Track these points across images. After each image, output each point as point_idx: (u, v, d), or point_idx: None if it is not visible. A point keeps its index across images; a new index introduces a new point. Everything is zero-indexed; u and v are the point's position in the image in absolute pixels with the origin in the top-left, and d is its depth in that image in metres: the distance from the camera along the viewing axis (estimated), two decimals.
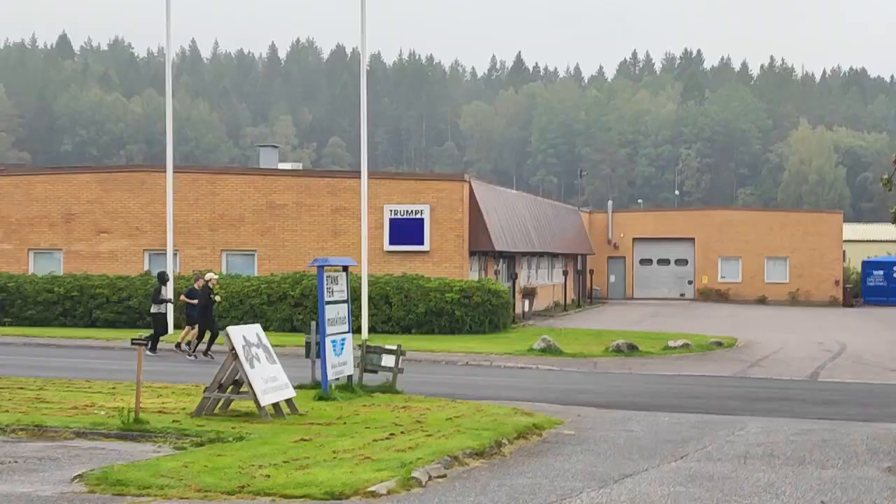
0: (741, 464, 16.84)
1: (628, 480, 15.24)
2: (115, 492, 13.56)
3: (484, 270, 50.58)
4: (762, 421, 22.24)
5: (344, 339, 23.42)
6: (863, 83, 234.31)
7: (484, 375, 31.21)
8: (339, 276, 23.63)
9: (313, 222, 47.99)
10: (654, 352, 39.11)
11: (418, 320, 44.14)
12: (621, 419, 21.87)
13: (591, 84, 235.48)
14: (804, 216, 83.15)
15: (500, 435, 18.24)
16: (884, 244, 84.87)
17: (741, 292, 78.52)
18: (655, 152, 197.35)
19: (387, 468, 14.83)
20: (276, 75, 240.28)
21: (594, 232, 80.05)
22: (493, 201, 51.41)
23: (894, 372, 34.66)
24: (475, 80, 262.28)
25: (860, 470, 16.49)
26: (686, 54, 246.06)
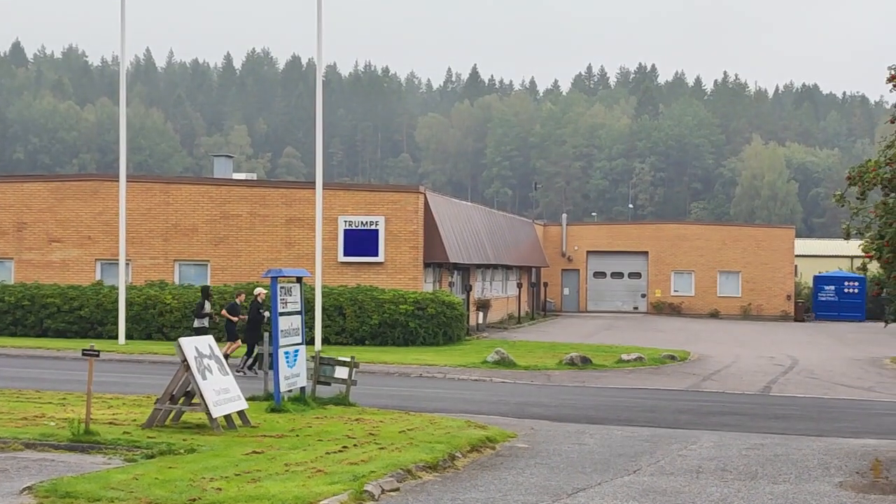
0: (694, 478, 16.88)
1: (581, 494, 15.24)
2: None
3: (438, 282, 50.54)
4: (715, 435, 22.32)
5: (297, 350, 23.32)
6: (815, 99, 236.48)
7: (438, 388, 31.15)
8: (292, 288, 23.53)
9: (267, 233, 47.79)
10: (608, 365, 39.18)
11: (372, 332, 44.03)
12: (575, 432, 21.89)
13: (546, 97, 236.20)
14: (756, 231, 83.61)
15: (453, 448, 18.21)
16: (835, 259, 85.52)
17: (694, 306, 78.90)
18: (609, 166, 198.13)
19: (339, 481, 14.76)
20: (231, 85, 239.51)
21: (548, 244, 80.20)
22: (448, 213, 51.40)
23: (845, 387, 34.88)
24: (431, 92, 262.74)
25: (812, 485, 16.57)
26: (640, 69, 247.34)
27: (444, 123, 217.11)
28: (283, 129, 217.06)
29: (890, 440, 22.55)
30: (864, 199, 19.69)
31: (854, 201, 19.79)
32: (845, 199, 19.74)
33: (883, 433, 23.86)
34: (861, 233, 19.86)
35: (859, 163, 20.05)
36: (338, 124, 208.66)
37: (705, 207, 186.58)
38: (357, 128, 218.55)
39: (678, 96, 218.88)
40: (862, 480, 17.18)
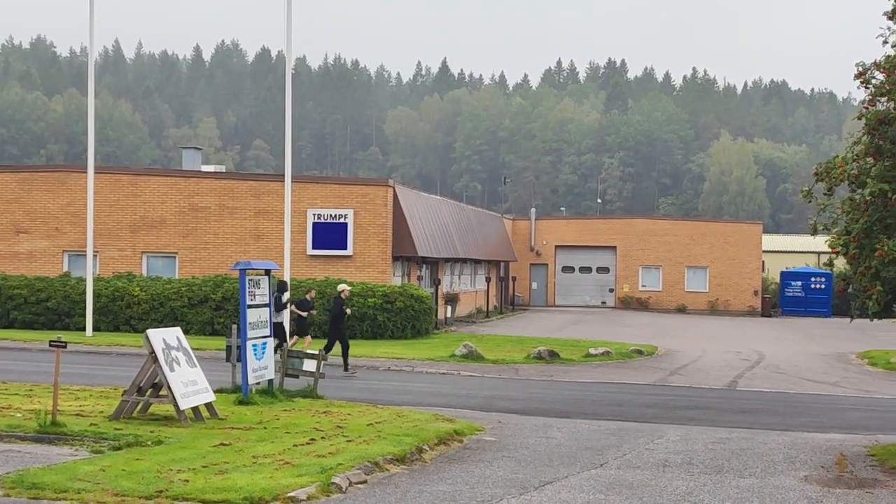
0: (660, 472, 16.96)
1: (548, 487, 15.29)
2: (31, 496, 13.35)
3: (407, 276, 50.55)
4: (681, 429, 22.44)
5: (265, 343, 23.28)
6: (783, 95, 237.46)
7: (406, 381, 31.17)
8: (261, 280, 23.49)
9: (236, 225, 47.68)
10: (576, 359, 39.30)
11: None
12: (542, 426, 21.95)
13: (516, 92, 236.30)
14: (724, 226, 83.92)
15: (421, 441, 18.24)
16: (802, 255, 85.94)
17: (661, 301, 79.17)
18: (579, 160, 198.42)
19: (307, 474, 14.76)
20: (200, 77, 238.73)
21: (517, 239, 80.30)
22: (417, 207, 51.41)
23: (811, 382, 35.11)
24: (400, 86, 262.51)
25: (777, 479, 16.68)
26: (610, 64, 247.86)
27: (413, 117, 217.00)
28: (253, 121, 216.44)
29: (855, 435, 22.72)
30: (831, 195, 19.76)
31: (821, 197, 19.86)
32: (812, 195, 19.79)
33: (848, 428, 24.03)
34: (828, 229, 19.92)
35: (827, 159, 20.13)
36: (307, 117, 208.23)
37: (674, 203, 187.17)
38: (326, 121, 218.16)
39: (647, 92, 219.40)
40: (827, 474, 17.30)
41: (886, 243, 17.72)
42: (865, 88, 19.10)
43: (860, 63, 19.06)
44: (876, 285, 18.22)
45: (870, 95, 19.04)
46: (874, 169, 18.95)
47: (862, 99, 19.64)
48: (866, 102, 19.16)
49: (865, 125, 18.83)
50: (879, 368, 40.19)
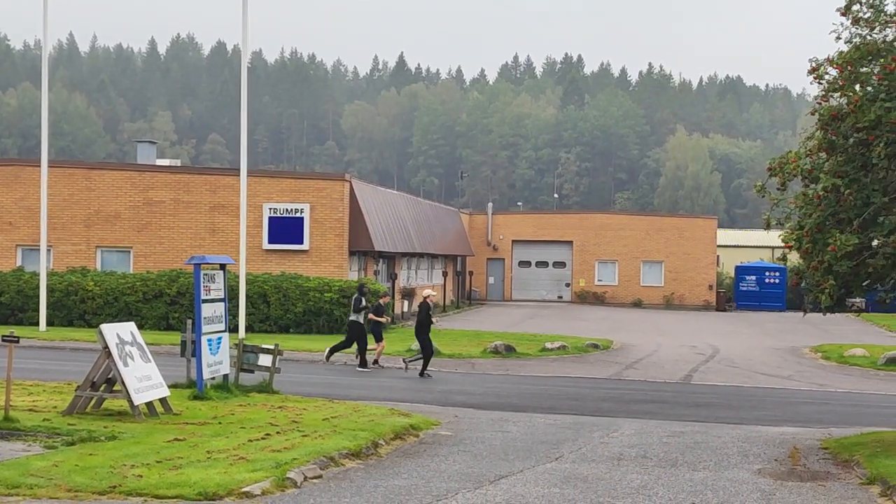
0: (615, 465, 17.03)
1: (504, 481, 15.31)
2: None
3: (364, 270, 50.48)
4: (636, 423, 22.54)
5: (220, 337, 23.20)
6: (738, 91, 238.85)
7: (362, 376, 31.15)
8: (216, 275, 23.40)
9: (191, 220, 47.45)
10: (532, 353, 39.38)
11: (297, 320, 43.89)
12: (498, 420, 22.00)
13: (473, 86, 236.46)
14: (680, 221, 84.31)
15: (376, 435, 18.23)
16: (756, 250, 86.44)
17: (617, 295, 79.46)
18: (535, 155, 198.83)
19: (262, 468, 14.72)
20: (155, 70, 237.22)
21: (474, 233, 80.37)
22: (374, 201, 51.34)
23: (765, 375, 35.36)
24: (357, 80, 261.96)
25: (731, 472, 16.79)
26: (567, 59, 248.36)
27: (370, 111, 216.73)
28: (208, 115, 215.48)
29: (808, 428, 22.90)
30: (784, 190, 19.89)
31: (775, 192, 19.99)
32: (766, 190, 19.91)
33: (801, 421, 24.23)
34: (781, 223, 20.05)
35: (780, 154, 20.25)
36: (263, 111, 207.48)
37: (630, 197, 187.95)
38: (283, 115, 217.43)
39: (604, 87, 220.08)
40: (780, 468, 17.43)
41: (839, 238, 17.86)
42: (819, 84, 19.24)
43: (814, 59, 19.19)
44: (829, 279, 18.35)
45: (823, 91, 19.17)
46: (827, 164, 19.09)
47: (816, 94, 19.76)
48: (820, 98, 19.30)
49: (819, 121, 18.96)
50: (832, 362, 40.51)
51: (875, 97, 18.07)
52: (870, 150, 18.30)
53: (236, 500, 13.37)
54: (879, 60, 18.29)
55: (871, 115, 17.72)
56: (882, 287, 19.80)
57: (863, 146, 18.52)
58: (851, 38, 18.95)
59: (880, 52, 18.28)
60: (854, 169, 18.60)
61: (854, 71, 18.61)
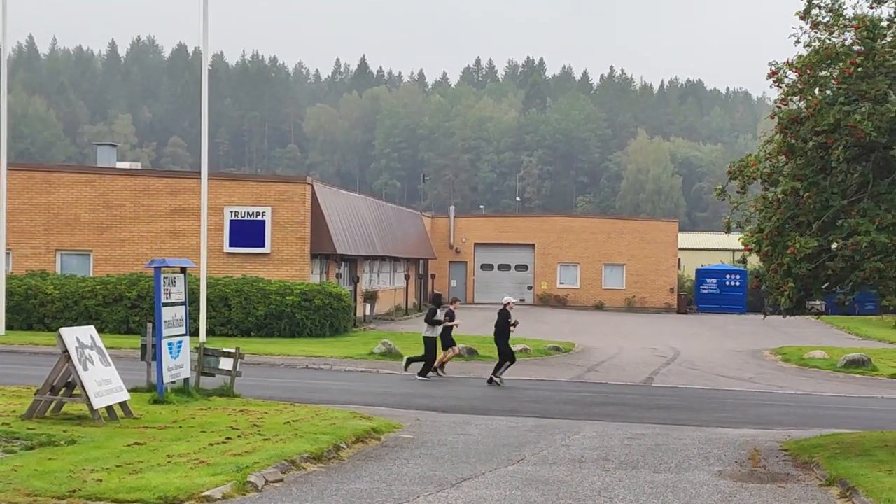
0: (576, 467, 17.06)
1: (465, 484, 15.31)
2: None
3: (325, 273, 50.37)
4: (598, 425, 22.59)
5: (181, 341, 23.06)
6: (699, 95, 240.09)
7: (324, 379, 31.07)
8: (176, 278, 23.27)
9: (152, 223, 47.22)
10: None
11: (258, 323, 43.76)
12: (460, 423, 21.99)
13: (435, 89, 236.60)
14: (641, 224, 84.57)
15: (338, 439, 18.19)
16: (717, 253, 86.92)
17: (579, 298, 79.64)
18: (498, 158, 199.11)
19: (222, 472, 14.65)
20: (115, 73, 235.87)
21: (436, 236, 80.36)
22: (336, 204, 51.25)
23: (725, 378, 35.53)
24: (319, 83, 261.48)
25: (692, 474, 16.85)
26: (528, 62, 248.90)
27: (332, 114, 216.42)
28: (169, 118, 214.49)
29: (768, 430, 23.02)
30: (744, 193, 19.99)
31: (735, 195, 20.08)
32: (726, 194, 20.00)
33: (761, 423, 24.35)
34: (741, 226, 20.15)
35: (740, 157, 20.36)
36: (224, 114, 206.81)
37: (591, 201, 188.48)
38: (244, 118, 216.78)
39: (565, 90, 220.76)
40: (740, 469, 17.51)
41: (798, 240, 17.96)
42: (778, 88, 19.35)
43: (773, 62, 19.30)
44: (788, 282, 18.46)
45: (783, 95, 19.28)
46: (787, 167, 19.20)
47: (775, 98, 19.87)
48: (779, 102, 19.40)
49: (778, 124, 19.06)
50: (792, 364, 40.77)
51: (834, 101, 18.20)
52: (829, 154, 18.43)
53: None
54: (838, 64, 18.41)
55: (830, 118, 17.84)
56: (841, 289, 19.93)
57: (822, 149, 18.65)
58: (811, 41, 19.07)
59: (839, 55, 18.40)
60: (813, 172, 18.72)
61: (813, 75, 18.74)
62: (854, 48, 18.41)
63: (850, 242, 17.80)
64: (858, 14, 18.67)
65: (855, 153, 18.46)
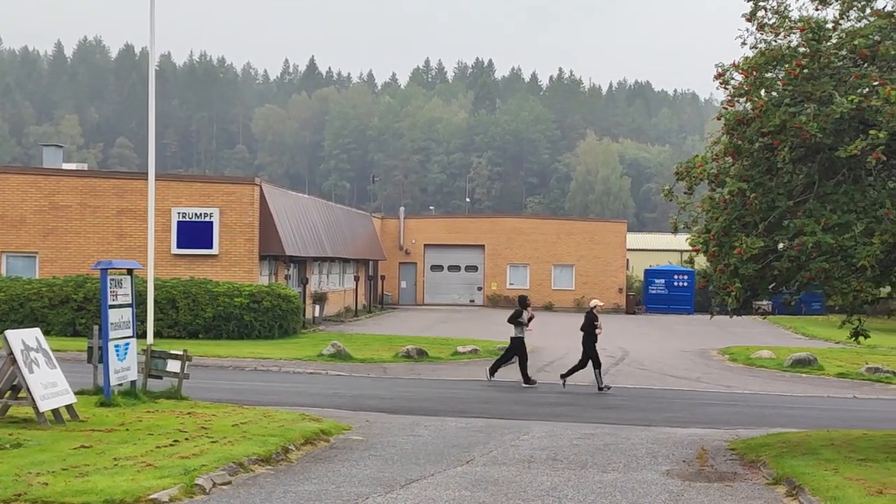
0: (525, 468, 17.08)
1: (415, 485, 15.29)
2: None
3: (274, 275, 50.20)
4: (547, 425, 22.64)
5: (128, 343, 22.92)
6: (647, 96, 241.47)
7: (272, 381, 30.94)
8: (123, 280, 23.13)
9: (98, 224, 46.88)
10: (444, 357, 39.42)
11: (206, 325, 43.55)
12: (410, 424, 21.97)
13: (385, 90, 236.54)
14: (590, 225, 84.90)
15: (287, 441, 18.12)
16: (665, 253, 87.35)
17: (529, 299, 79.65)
18: (447, 160, 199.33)
19: (170, 475, 14.55)
20: (62, 73, 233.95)
21: (386, 238, 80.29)
22: (285, 205, 51.08)
23: (674, 377, 35.72)
24: (267, 84, 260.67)
25: (640, 473, 16.92)
26: (478, 63, 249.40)
27: (281, 115, 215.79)
28: (116, 118, 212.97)
29: (716, 429, 23.16)
30: (691, 194, 20.09)
31: (682, 196, 20.18)
32: (673, 194, 20.10)
33: (709, 422, 24.50)
34: (688, 227, 20.25)
35: (687, 158, 20.47)
36: (172, 115, 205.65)
37: (541, 202, 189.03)
38: (192, 118, 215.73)
39: (515, 92, 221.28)
40: (688, 468, 17.60)
41: (745, 241, 18.07)
42: (725, 89, 19.44)
43: (719, 64, 19.40)
44: (735, 282, 18.56)
45: (729, 96, 19.38)
46: (733, 168, 19.31)
47: (722, 100, 19.98)
48: (726, 103, 19.51)
49: (724, 125, 19.17)
50: (740, 364, 41.04)
51: (780, 102, 18.32)
52: (775, 155, 18.56)
53: None
54: (784, 66, 18.53)
55: (775, 119, 17.96)
56: (787, 289, 20.07)
57: (768, 150, 18.78)
58: (757, 43, 19.19)
59: (785, 57, 18.53)
60: (759, 173, 18.84)
61: (759, 76, 18.85)
62: (799, 50, 18.54)
63: (796, 243, 17.93)
64: (804, 16, 18.81)
65: (800, 154, 18.60)
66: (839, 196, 18.16)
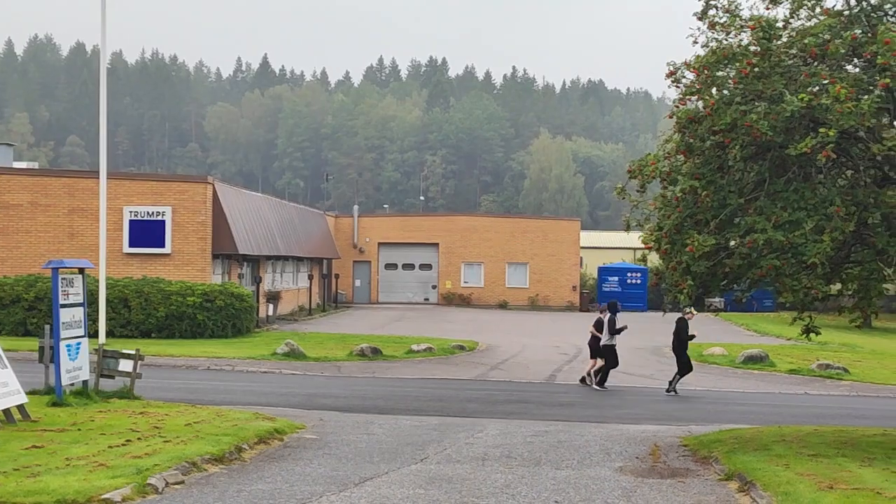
0: (480, 465, 17.12)
1: (368, 484, 15.29)
2: None
3: (227, 274, 50.00)
4: (501, 423, 22.69)
5: (79, 343, 22.76)
6: (600, 94, 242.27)
7: (226, 380, 30.82)
8: (74, 279, 22.96)
9: (49, 223, 46.51)
10: (398, 356, 39.41)
11: (159, 324, 43.31)
12: (364, 423, 21.96)
13: (338, 88, 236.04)
14: (544, 223, 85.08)
15: (240, 440, 18.06)
16: (619, 251, 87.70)
17: (483, 297, 79.90)
18: (401, 158, 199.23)
19: (122, 475, 14.47)
20: (12, 72, 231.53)
21: (340, 236, 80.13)
22: (238, 204, 50.87)
23: (627, 374, 35.86)
24: (220, 82, 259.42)
25: (593, 470, 16.99)
26: (431, 62, 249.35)
27: (234, 113, 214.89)
28: (67, 117, 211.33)
29: (668, 426, 23.31)
30: (643, 191, 20.20)
31: (634, 194, 20.29)
32: (626, 193, 20.21)
33: (661, 419, 24.65)
34: (641, 225, 20.38)
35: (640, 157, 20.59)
36: (124, 113, 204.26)
37: (495, 200, 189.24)
38: (144, 117, 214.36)
39: (468, 90, 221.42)
40: (641, 465, 17.70)
41: (696, 238, 18.19)
42: (676, 88, 19.56)
43: (671, 62, 19.51)
44: (687, 279, 18.68)
45: (681, 95, 19.49)
46: (685, 166, 19.43)
47: (674, 98, 20.09)
48: (677, 101, 19.62)
49: (676, 124, 19.28)
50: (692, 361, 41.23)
51: (731, 100, 18.45)
52: (726, 153, 18.70)
53: None
54: (735, 64, 18.65)
55: (727, 118, 18.08)
56: (738, 287, 20.24)
57: (719, 149, 18.90)
58: (708, 42, 19.31)
59: (736, 56, 18.65)
60: (711, 171, 18.97)
61: (710, 75, 18.97)
62: (750, 48, 18.67)
63: (747, 240, 18.06)
64: (755, 15, 18.94)
65: (751, 152, 18.73)
66: (790, 194, 18.31)
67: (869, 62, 17.98)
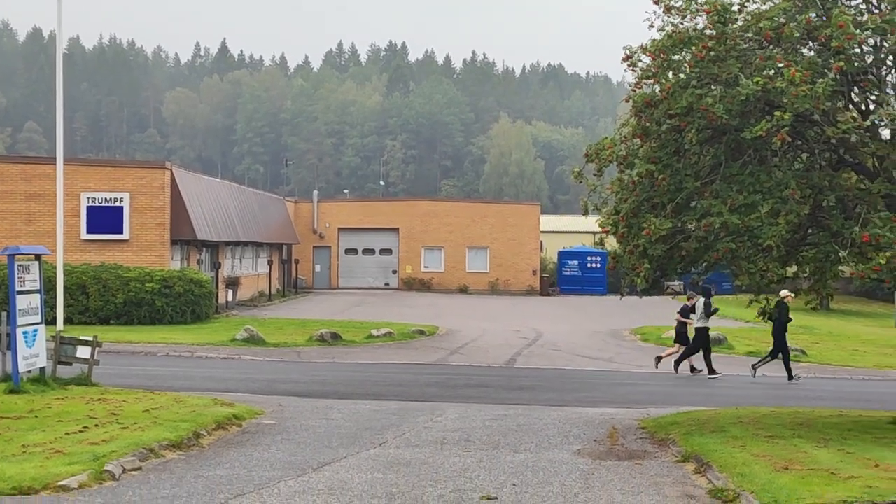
0: (438, 449, 17.16)
1: (327, 468, 15.30)
2: None
3: (186, 260, 49.78)
4: (460, 407, 22.75)
5: (36, 330, 22.65)
6: (560, 79, 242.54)
7: (185, 366, 30.74)
8: (31, 265, 22.83)
9: (6, 210, 46.15)
10: (358, 340, 39.41)
11: (117, 311, 43.09)
12: (323, 408, 21.96)
13: (298, 73, 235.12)
14: (504, 207, 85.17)
15: (198, 426, 18.03)
16: (578, 235, 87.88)
17: (444, 282, 79.92)
18: (361, 143, 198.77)
19: (79, 462, 14.43)
20: None
21: (300, 221, 79.93)
22: (196, 190, 50.65)
23: (586, 358, 36.05)
24: (178, 67, 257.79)
25: (551, 453, 17.07)
26: (391, 46, 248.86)
27: (192, 98, 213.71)
28: (24, 103, 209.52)
29: (626, 409, 23.44)
30: (601, 175, 20.29)
31: (591, 178, 20.37)
32: (583, 176, 20.29)
33: (620, 402, 24.78)
34: (598, 209, 20.47)
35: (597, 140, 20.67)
36: (81, 99, 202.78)
37: (455, 184, 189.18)
38: (102, 102, 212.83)
39: (428, 75, 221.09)
40: (599, 448, 17.80)
41: (653, 222, 18.28)
42: (633, 71, 19.64)
43: (627, 47, 19.58)
44: (644, 263, 18.78)
45: (637, 78, 19.58)
46: (641, 150, 19.52)
47: (630, 82, 20.18)
48: (634, 85, 19.71)
49: (633, 107, 19.37)
50: (651, 344, 41.50)
51: (687, 84, 18.53)
52: (682, 136, 18.79)
53: (52, 494, 13.09)
54: (691, 48, 18.74)
55: (682, 101, 18.17)
56: (695, 269, 20.36)
57: (675, 132, 19.00)
58: (664, 26, 19.39)
59: (691, 40, 18.74)
60: (667, 154, 19.06)
61: (666, 58, 19.06)
62: (706, 32, 18.77)
63: (704, 223, 18.17)
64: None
65: (707, 136, 18.83)
66: (745, 177, 18.43)
67: (824, 45, 18.09)
